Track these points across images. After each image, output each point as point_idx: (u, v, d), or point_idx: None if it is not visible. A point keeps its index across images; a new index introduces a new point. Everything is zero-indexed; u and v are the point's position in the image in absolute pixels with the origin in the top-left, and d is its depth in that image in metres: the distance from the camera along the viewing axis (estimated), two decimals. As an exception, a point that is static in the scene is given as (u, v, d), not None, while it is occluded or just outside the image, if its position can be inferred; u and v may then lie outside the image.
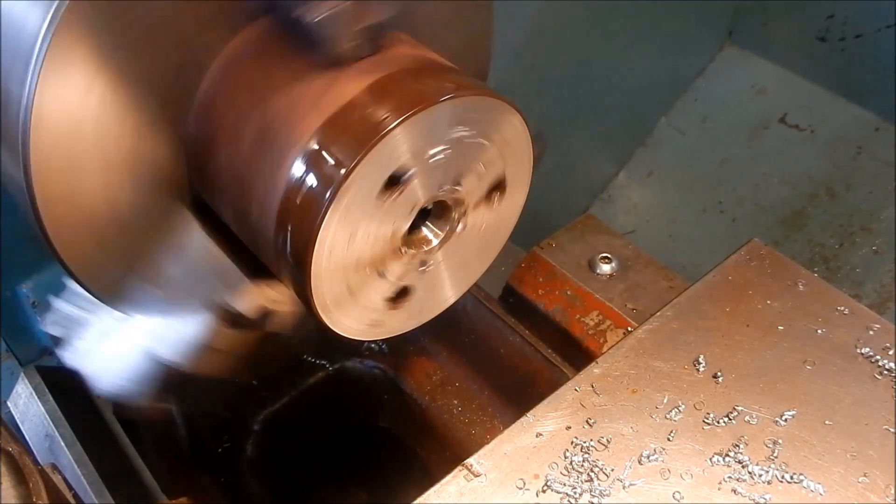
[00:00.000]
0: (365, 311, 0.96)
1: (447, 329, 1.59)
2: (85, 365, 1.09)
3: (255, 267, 0.98)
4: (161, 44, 0.87)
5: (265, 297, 0.98)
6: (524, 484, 0.93)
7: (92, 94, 0.84)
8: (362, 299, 0.95)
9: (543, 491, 0.92)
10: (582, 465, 0.94)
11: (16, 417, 1.37)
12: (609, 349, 1.09)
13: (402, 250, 0.94)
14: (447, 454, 1.57)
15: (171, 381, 1.07)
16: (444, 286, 1.04)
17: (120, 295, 1.04)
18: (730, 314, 1.12)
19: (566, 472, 0.94)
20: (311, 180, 0.83)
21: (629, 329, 1.39)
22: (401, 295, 0.99)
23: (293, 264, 0.88)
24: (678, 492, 0.93)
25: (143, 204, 0.97)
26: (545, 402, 1.02)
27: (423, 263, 0.98)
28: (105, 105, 0.86)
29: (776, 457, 0.96)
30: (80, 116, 0.85)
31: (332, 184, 0.81)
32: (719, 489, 0.93)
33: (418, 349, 1.65)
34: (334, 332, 0.95)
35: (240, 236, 0.98)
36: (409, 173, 0.87)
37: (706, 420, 1.00)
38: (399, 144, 0.83)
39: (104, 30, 0.82)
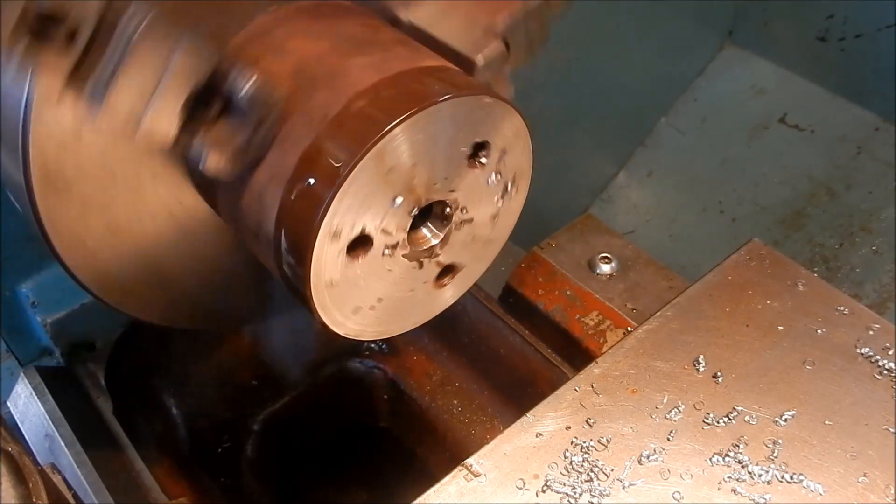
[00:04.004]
0: (367, 313, 0.96)
1: (447, 329, 1.59)
2: None
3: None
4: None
5: None
6: (524, 484, 0.93)
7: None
8: (365, 301, 0.95)
9: (543, 491, 0.92)
10: (582, 465, 0.94)
11: (16, 417, 1.37)
12: (609, 349, 1.09)
13: (402, 250, 0.94)
14: (447, 454, 1.57)
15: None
16: (444, 286, 1.04)
17: (123, 296, 1.04)
18: (730, 314, 1.12)
19: (566, 472, 0.94)
20: (311, 179, 0.83)
21: (629, 329, 1.39)
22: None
23: (293, 263, 0.88)
24: (678, 492, 0.93)
25: (145, 206, 0.97)
26: (545, 402, 1.02)
27: (423, 263, 0.98)
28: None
29: (776, 457, 0.96)
30: (81, 117, 0.85)
31: (332, 183, 0.81)
32: (719, 489, 0.93)
33: (418, 349, 1.65)
34: (334, 332, 0.95)
35: (244, 243, 0.98)
36: (409, 173, 0.87)
37: (706, 420, 1.00)
38: (399, 144, 0.83)
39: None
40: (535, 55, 1.00)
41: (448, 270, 1.02)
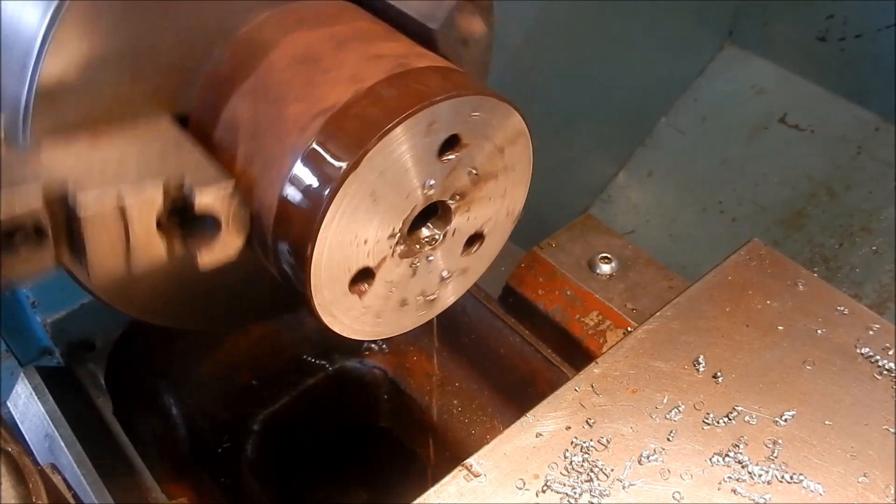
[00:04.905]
0: (365, 311, 0.96)
1: (447, 329, 1.59)
2: None
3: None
4: (161, 45, 0.87)
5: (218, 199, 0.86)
6: (524, 484, 0.93)
7: (91, 95, 0.84)
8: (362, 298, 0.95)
9: (543, 491, 0.92)
10: (582, 465, 0.94)
11: (16, 417, 1.37)
12: (609, 349, 1.09)
13: (402, 250, 0.94)
14: (447, 454, 1.57)
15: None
16: (444, 286, 1.04)
17: (122, 296, 1.04)
18: (730, 314, 1.12)
19: (566, 472, 0.94)
20: (311, 179, 0.83)
21: (629, 329, 1.39)
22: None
23: (293, 264, 0.87)
24: (678, 492, 0.93)
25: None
26: (545, 402, 1.02)
27: (423, 263, 0.98)
28: (104, 105, 0.86)
29: (776, 457, 0.96)
30: (80, 117, 0.85)
31: (332, 183, 0.81)
32: (719, 489, 0.93)
33: (418, 349, 1.65)
34: (334, 331, 0.95)
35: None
36: (409, 172, 0.87)
37: (706, 420, 1.00)
38: (399, 144, 0.83)
39: (103, 29, 0.82)
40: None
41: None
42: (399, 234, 0.92)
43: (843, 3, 2.35)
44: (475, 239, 1.02)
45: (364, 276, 0.94)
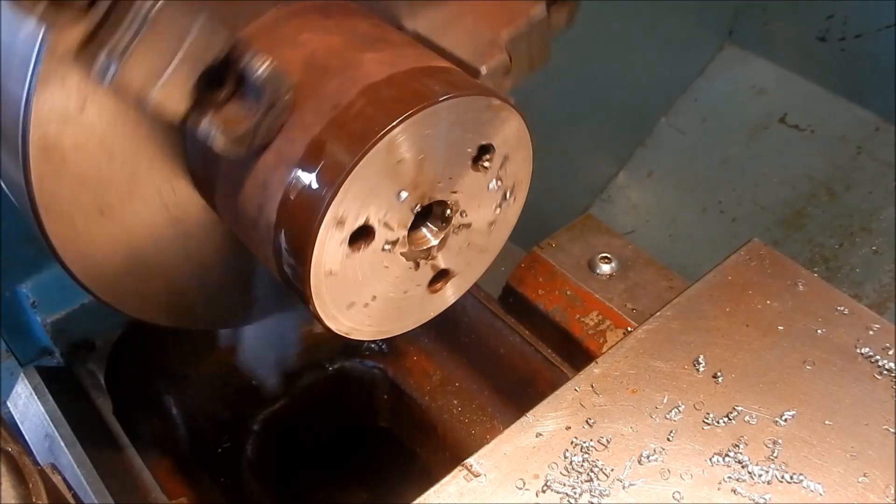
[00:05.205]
0: (365, 311, 0.96)
1: (447, 329, 1.59)
2: None
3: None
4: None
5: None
6: (524, 484, 0.93)
7: (90, 97, 0.84)
8: (362, 299, 0.95)
9: (543, 491, 0.92)
10: (582, 465, 0.94)
11: (16, 417, 1.37)
12: (609, 349, 1.09)
13: (402, 250, 0.94)
14: (447, 454, 1.57)
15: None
16: (444, 286, 1.04)
17: (119, 293, 1.04)
18: (730, 314, 1.12)
19: (566, 472, 0.94)
20: (311, 180, 0.83)
21: (629, 329, 1.39)
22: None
23: (293, 265, 0.87)
24: (678, 492, 0.93)
25: (142, 203, 0.97)
26: (545, 402, 1.02)
27: (422, 263, 0.98)
28: (103, 107, 0.86)
29: (776, 457, 0.96)
30: (79, 118, 0.85)
31: (331, 184, 0.81)
32: (719, 489, 0.93)
33: (418, 349, 1.65)
34: (335, 332, 0.95)
35: (242, 239, 0.98)
36: (409, 173, 0.87)
37: (706, 420, 1.00)
38: (399, 144, 0.83)
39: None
40: (534, 72, 0.99)
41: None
42: (399, 234, 0.92)
43: (843, 3, 2.35)
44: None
45: (441, 276, 0.97)
